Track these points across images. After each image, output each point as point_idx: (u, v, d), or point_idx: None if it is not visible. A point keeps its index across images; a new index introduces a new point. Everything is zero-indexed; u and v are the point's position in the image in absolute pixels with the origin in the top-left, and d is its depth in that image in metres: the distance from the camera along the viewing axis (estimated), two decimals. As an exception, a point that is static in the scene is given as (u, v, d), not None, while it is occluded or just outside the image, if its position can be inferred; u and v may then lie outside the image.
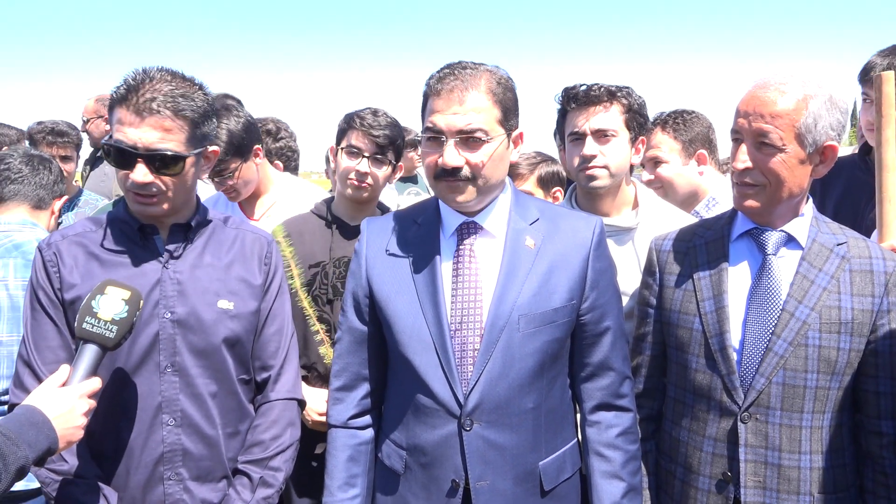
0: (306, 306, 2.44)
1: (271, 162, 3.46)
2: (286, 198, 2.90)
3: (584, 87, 2.20)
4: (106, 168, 4.82)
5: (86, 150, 5.18)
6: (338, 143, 2.52)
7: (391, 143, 2.44)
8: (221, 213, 2.01)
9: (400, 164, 2.57)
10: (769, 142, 1.67)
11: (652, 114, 2.56)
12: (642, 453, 1.89)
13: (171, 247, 1.83)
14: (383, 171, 2.47)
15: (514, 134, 1.75)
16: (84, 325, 1.58)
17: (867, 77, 2.70)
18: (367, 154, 2.43)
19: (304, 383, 2.45)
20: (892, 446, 1.73)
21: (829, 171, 2.99)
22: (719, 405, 1.78)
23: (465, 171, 1.67)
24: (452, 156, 1.65)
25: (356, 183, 2.44)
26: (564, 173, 2.97)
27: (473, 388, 1.69)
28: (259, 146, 2.77)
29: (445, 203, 1.77)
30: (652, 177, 2.69)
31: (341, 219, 2.52)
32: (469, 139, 1.66)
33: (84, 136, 4.69)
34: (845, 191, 2.85)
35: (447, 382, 1.69)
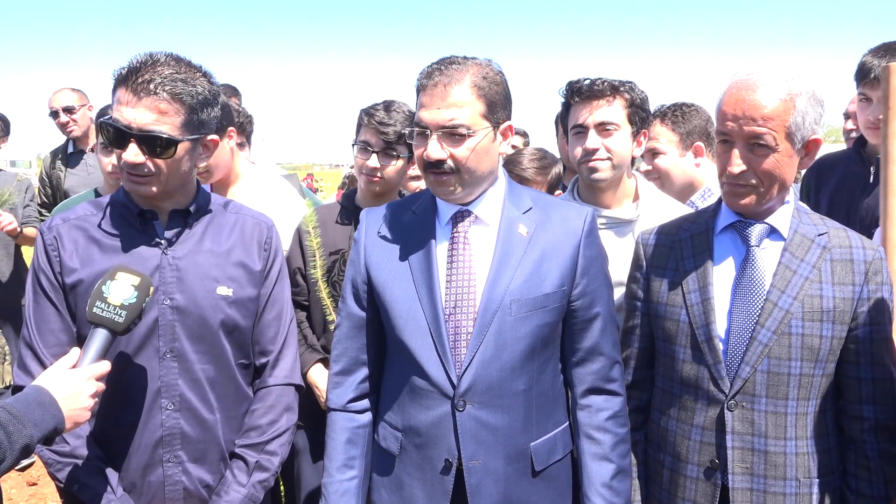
0: (324, 296, 2.51)
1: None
2: (255, 194, 2.88)
3: (587, 82, 2.26)
4: (89, 160, 4.73)
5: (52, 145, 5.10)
6: (355, 139, 2.62)
7: (400, 138, 2.49)
8: (222, 197, 2.03)
9: None
10: (764, 143, 1.69)
11: (653, 107, 2.61)
12: (631, 444, 1.92)
13: (170, 233, 1.85)
14: (394, 165, 2.54)
15: (503, 126, 1.78)
16: (94, 310, 1.62)
17: (864, 77, 2.75)
18: (376, 149, 2.51)
19: (321, 365, 2.53)
20: (874, 430, 1.77)
21: (824, 166, 3.05)
22: (706, 394, 1.82)
23: (449, 164, 1.72)
24: (435, 149, 1.71)
25: (367, 178, 2.54)
26: (563, 172, 3.02)
27: (466, 370, 1.73)
28: (233, 129, 2.80)
29: (435, 194, 1.82)
30: (650, 167, 2.75)
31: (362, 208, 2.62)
32: (452, 133, 1.70)
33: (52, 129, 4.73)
34: (839, 183, 2.90)
35: (441, 364, 1.74)
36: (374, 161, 2.51)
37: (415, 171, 3.65)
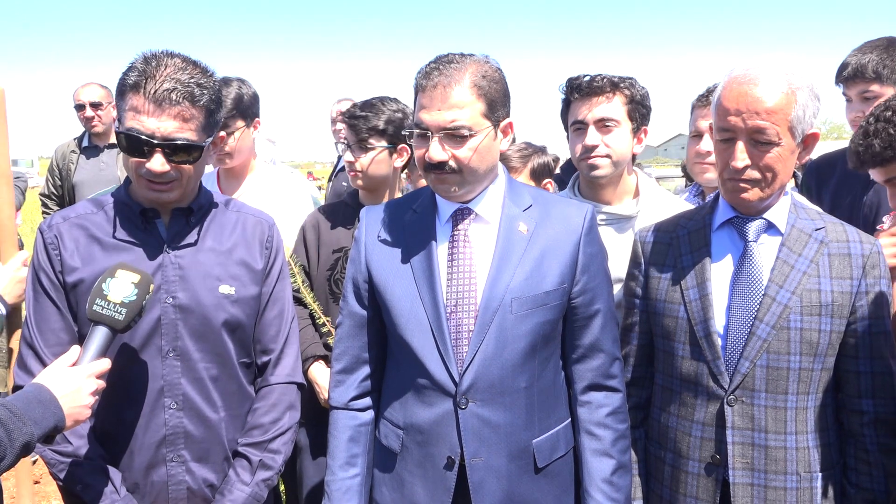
0: (310, 302, 2.52)
1: None
2: (266, 187, 2.92)
3: (587, 78, 2.26)
4: (104, 157, 4.80)
5: (60, 138, 5.19)
6: None
7: (371, 129, 2.50)
8: (223, 196, 2.03)
9: (403, 146, 2.57)
10: (766, 138, 1.69)
11: (656, 105, 2.58)
12: (632, 441, 1.93)
13: (172, 231, 1.85)
14: (368, 157, 2.53)
15: (503, 124, 1.78)
16: (94, 307, 1.62)
17: (838, 75, 2.75)
18: (350, 143, 2.54)
19: (321, 362, 2.54)
20: (873, 424, 1.78)
21: (823, 165, 3.05)
22: (706, 390, 1.82)
23: (451, 164, 1.71)
24: (437, 151, 1.70)
25: (349, 174, 2.58)
26: (553, 163, 3.01)
27: (468, 367, 1.73)
28: (259, 120, 2.84)
29: (436, 191, 1.82)
30: (705, 150, 2.64)
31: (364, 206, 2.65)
32: (454, 135, 1.69)
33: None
34: (840, 182, 2.89)
35: (443, 362, 1.74)
36: (348, 155, 2.55)
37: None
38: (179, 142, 1.70)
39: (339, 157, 5.39)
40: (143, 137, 1.68)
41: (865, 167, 1.77)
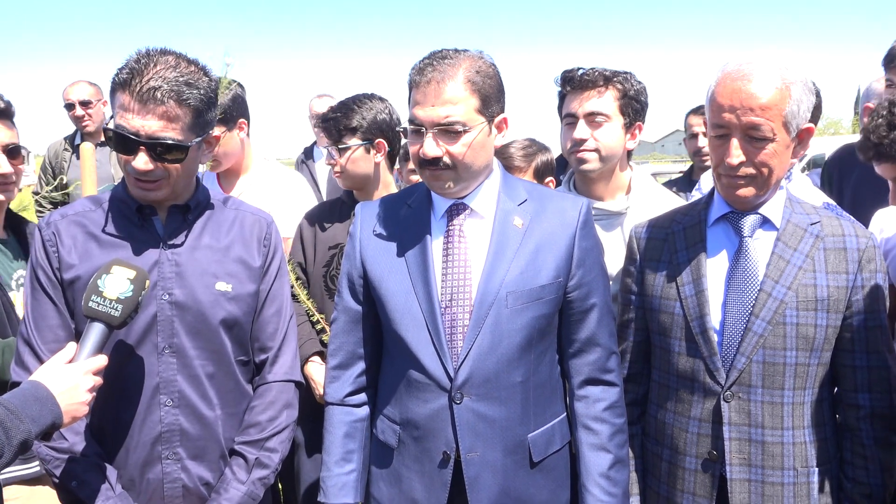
0: (304, 300, 2.52)
1: None
2: (263, 184, 2.94)
3: (580, 71, 2.26)
4: (96, 155, 4.84)
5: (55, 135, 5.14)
6: None
7: (344, 128, 2.54)
8: (222, 193, 2.02)
9: (379, 140, 2.58)
10: (761, 134, 1.69)
11: (654, 100, 2.57)
12: (629, 437, 1.92)
13: (169, 228, 1.84)
14: (346, 156, 2.56)
15: (498, 119, 1.78)
16: (90, 304, 1.62)
17: (891, 62, 2.72)
18: (328, 147, 2.59)
19: (318, 359, 2.56)
20: (869, 418, 1.78)
21: (846, 156, 3.00)
22: (703, 386, 1.82)
23: (446, 160, 1.72)
24: (431, 147, 1.70)
25: (333, 174, 2.63)
26: (554, 161, 3.01)
27: (463, 362, 1.74)
28: (244, 120, 2.84)
29: (430, 188, 1.83)
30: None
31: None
32: (448, 130, 1.70)
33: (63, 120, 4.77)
34: (862, 175, 2.85)
35: (438, 357, 1.75)
36: (329, 156, 2.60)
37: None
38: (164, 141, 1.69)
39: (314, 143, 5.45)
40: (128, 136, 1.68)
41: (883, 160, 1.73)
